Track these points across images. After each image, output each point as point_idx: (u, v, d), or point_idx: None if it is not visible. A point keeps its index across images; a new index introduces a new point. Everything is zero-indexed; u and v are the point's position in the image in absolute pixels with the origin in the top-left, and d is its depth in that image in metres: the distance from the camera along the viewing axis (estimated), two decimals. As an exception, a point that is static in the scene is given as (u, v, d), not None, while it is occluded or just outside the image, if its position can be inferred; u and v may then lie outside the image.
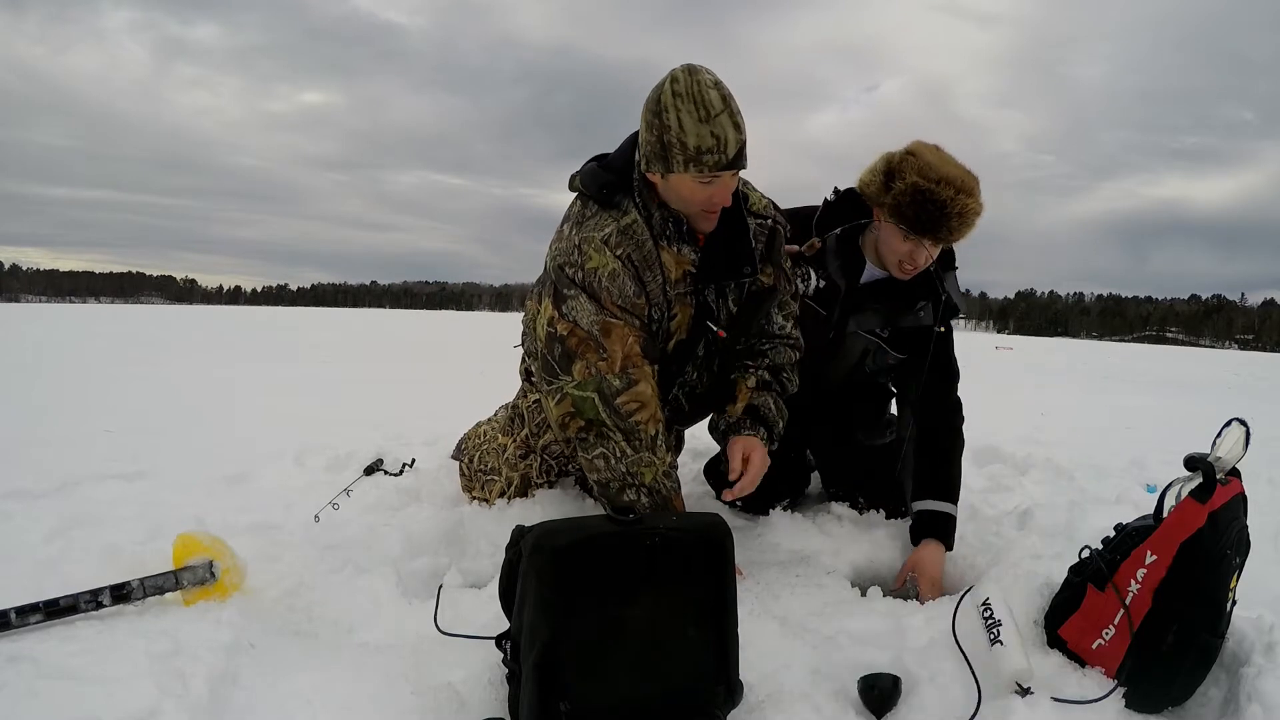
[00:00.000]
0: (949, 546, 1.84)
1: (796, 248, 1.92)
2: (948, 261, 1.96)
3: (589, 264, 1.58)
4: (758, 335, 1.83)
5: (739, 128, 1.49)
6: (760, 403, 1.78)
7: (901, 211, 1.72)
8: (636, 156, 1.59)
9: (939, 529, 1.85)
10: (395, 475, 2.40)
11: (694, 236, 1.65)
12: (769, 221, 1.77)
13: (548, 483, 2.05)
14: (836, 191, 1.96)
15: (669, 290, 1.63)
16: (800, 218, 1.99)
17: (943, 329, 1.96)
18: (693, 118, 1.46)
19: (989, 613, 1.30)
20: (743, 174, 1.61)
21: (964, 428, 2.00)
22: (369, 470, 2.39)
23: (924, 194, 1.69)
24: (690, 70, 1.49)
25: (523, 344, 1.98)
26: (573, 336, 1.59)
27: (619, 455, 1.60)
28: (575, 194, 1.69)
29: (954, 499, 1.89)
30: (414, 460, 2.51)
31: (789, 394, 1.84)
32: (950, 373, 2.00)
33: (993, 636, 1.25)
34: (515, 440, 1.99)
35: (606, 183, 1.61)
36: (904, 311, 1.93)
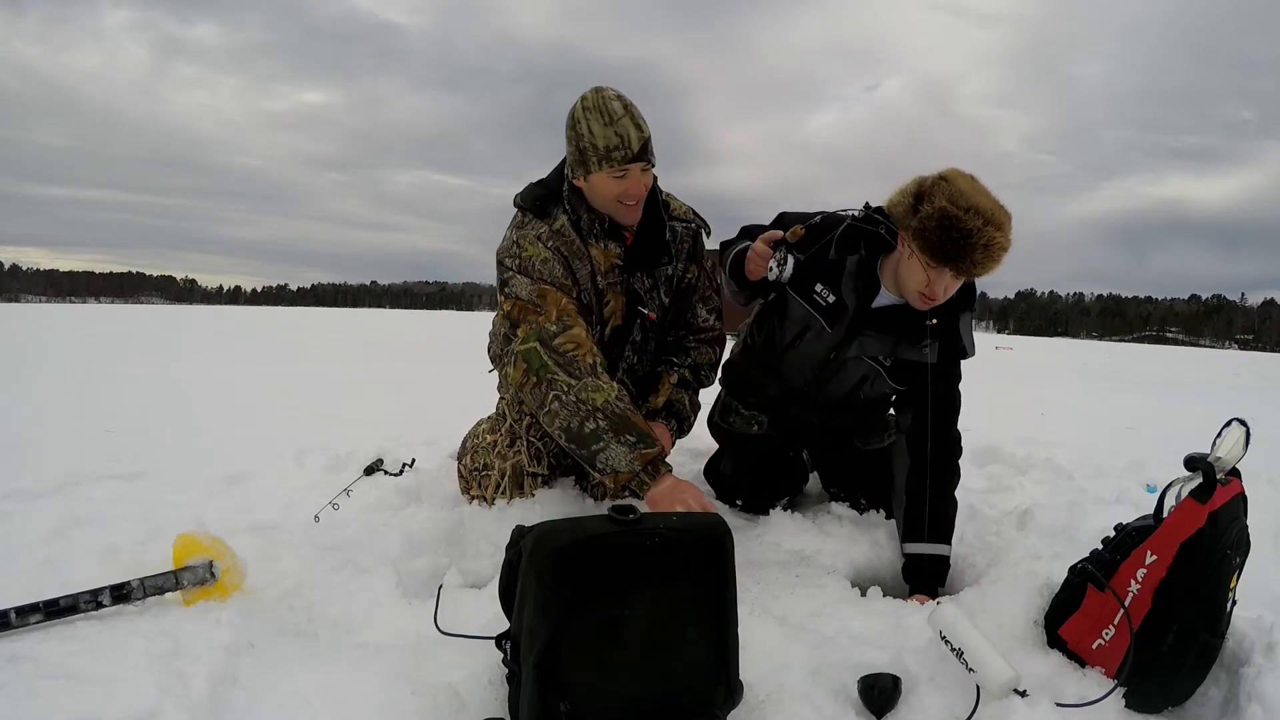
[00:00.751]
0: (935, 594, 1.78)
1: (781, 232, 1.86)
2: (965, 300, 1.89)
3: (525, 253, 1.84)
4: (685, 329, 2.10)
5: (640, 127, 1.74)
6: (677, 399, 2.06)
7: (926, 237, 1.67)
8: (566, 171, 1.85)
9: (927, 578, 1.80)
10: (395, 475, 2.40)
11: (620, 235, 1.89)
12: (692, 225, 2.02)
13: (542, 475, 2.10)
14: (867, 207, 1.90)
15: (599, 280, 1.87)
16: (820, 230, 1.91)
17: (943, 363, 1.90)
18: (600, 123, 1.72)
19: (948, 644, 1.27)
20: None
21: (963, 440, 1.96)
22: (369, 470, 2.39)
23: (950, 220, 1.64)
24: (597, 89, 1.77)
25: (489, 350, 2.19)
26: (515, 308, 1.83)
27: (566, 388, 1.74)
28: (516, 208, 1.93)
29: (947, 539, 1.84)
30: (414, 460, 2.51)
31: (705, 387, 2.13)
32: (951, 407, 1.94)
33: (965, 665, 1.24)
34: (500, 432, 2.08)
35: (540, 196, 1.87)
36: (909, 346, 1.89)
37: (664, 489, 1.68)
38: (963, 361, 1.96)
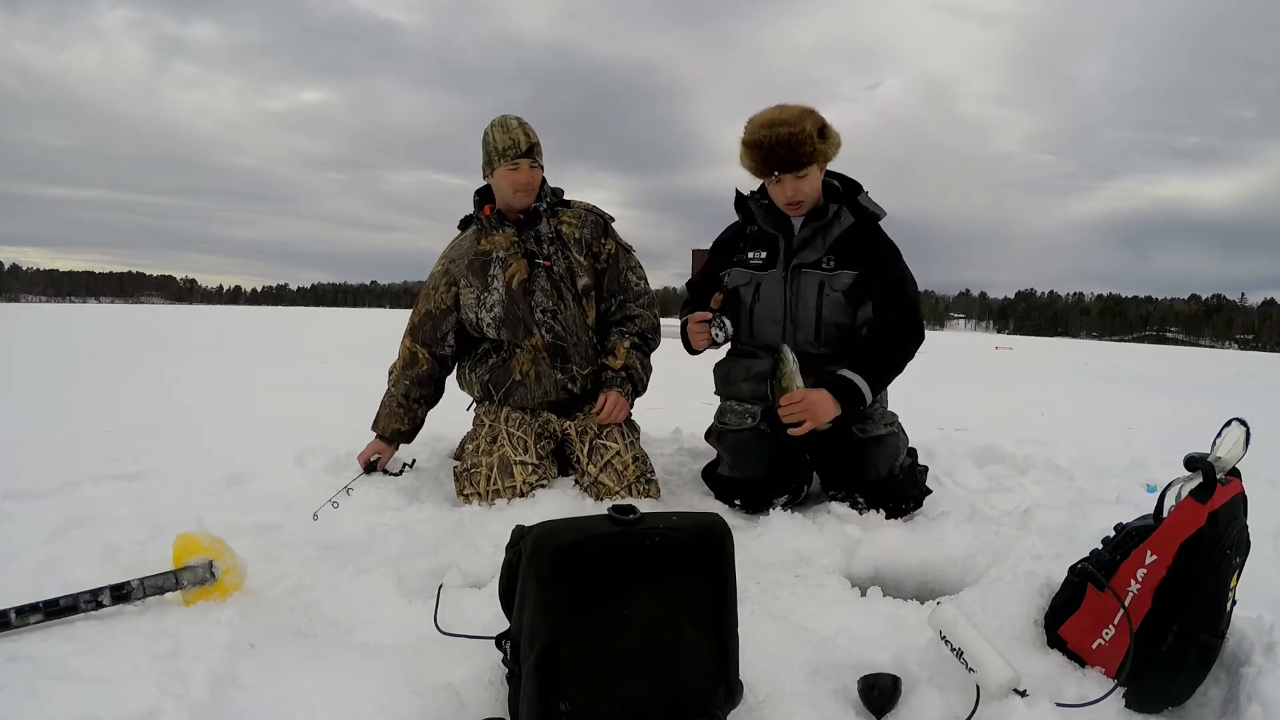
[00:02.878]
0: (840, 409, 1.99)
1: (706, 313, 2.26)
2: (854, 187, 2.26)
3: (433, 270, 2.52)
4: (624, 293, 2.47)
5: (528, 136, 2.28)
6: (631, 363, 2.40)
7: (748, 165, 2.15)
8: (481, 183, 2.44)
9: (832, 387, 2.00)
10: (395, 475, 2.40)
11: (515, 223, 2.39)
12: (591, 214, 2.46)
13: (531, 463, 2.23)
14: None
15: (501, 254, 2.37)
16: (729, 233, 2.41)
17: (861, 223, 2.20)
18: (499, 131, 2.28)
19: (948, 645, 1.27)
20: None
21: (914, 348, 2.13)
22: (369, 469, 2.40)
23: (748, 146, 2.12)
24: (502, 115, 2.33)
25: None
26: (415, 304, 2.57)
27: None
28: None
29: (870, 380, 2.03)
30: (414, 461, 2.51)
31: (653, 349, 2.50)
32: (897, 287, 2.16)
33: (965, 665, 1.24)
34: (481, 436, 2.30)
35: (465, 219, 2.52)
36: (828, 227, 2.19)
37: None
38: (962, 373, 2.08)
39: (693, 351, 2.36)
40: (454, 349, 2.49)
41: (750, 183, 2.33)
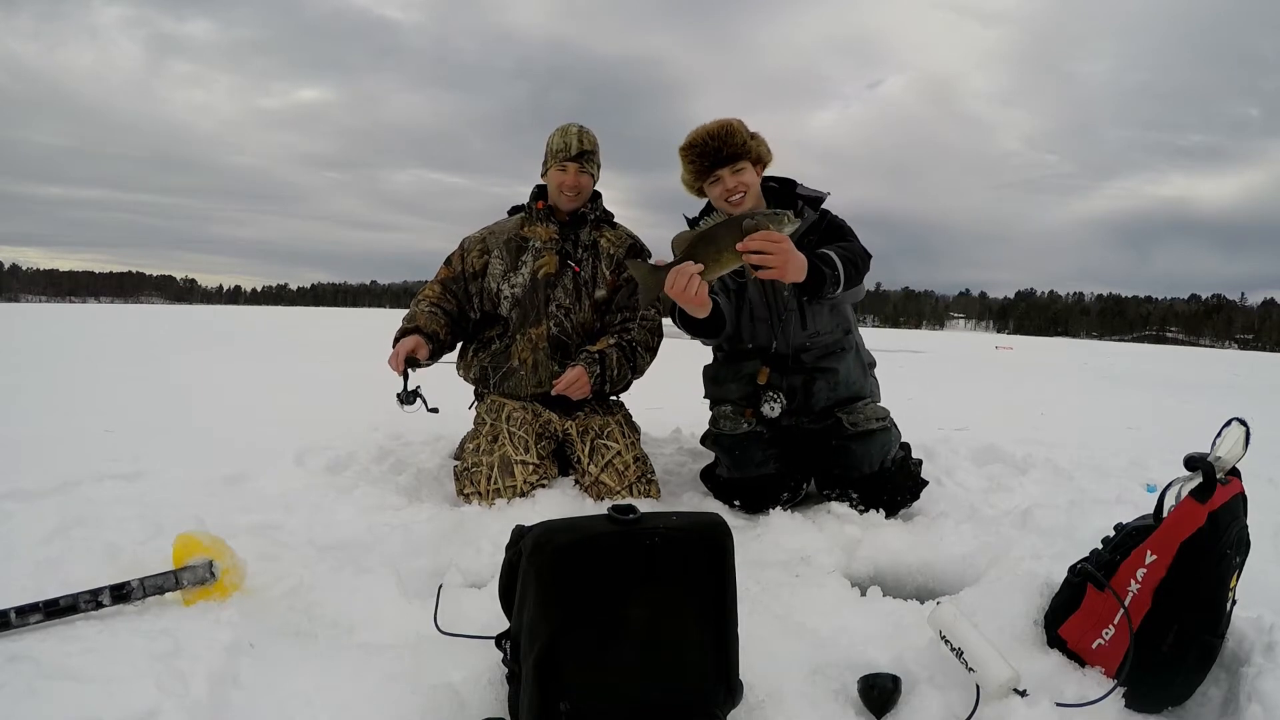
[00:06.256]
0: (807, 279, 1.96)
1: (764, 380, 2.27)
2: (790, 183, 2.37)
3: (470, 237, 2.63)
4: (630, 312, 2.52)
5: (582, 142, 2.45)
6: (608, 351, 2.42)
7: (689, 173, 2.25)
8: (538, 182, 2.60)
9: (813, 263, 1.99)
10: (432, 411, 2.37)
11: (560, 223, 2.53)
12: (631, 239, 2.59)
13: (532, 463, 2.24)
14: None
15: (537, 244, 2.52)
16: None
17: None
18: (558, 135, 2.46)
19: (948, 644, 1.27)
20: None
21: (866, 268, 2.19)
22: (410, 365, 2.36)
23: (685, 148, 2.23)
24: (567, 123, 2.49)
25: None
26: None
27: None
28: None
29: (839, 260, 2.05)
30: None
31: (638, 362, 2.49)
32: (844, 226, 2.28)
33: (965, 665, 1.24)
34: (482, 435, 2.31)
35: (514, 208, 2.66)
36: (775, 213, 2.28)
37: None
38: (961, 374, 2.07)
39: (692, 326, 2.20)
40: (477, 317, 2.57)
41: (695, 208, 2.37)
